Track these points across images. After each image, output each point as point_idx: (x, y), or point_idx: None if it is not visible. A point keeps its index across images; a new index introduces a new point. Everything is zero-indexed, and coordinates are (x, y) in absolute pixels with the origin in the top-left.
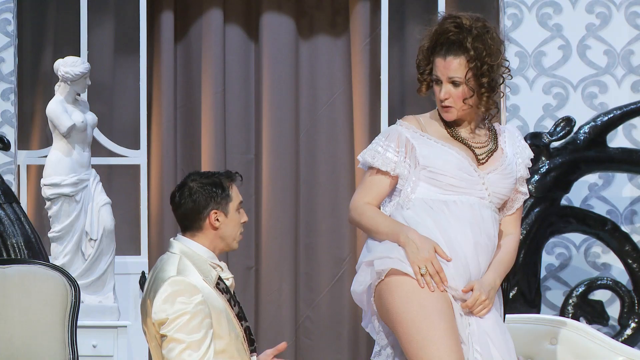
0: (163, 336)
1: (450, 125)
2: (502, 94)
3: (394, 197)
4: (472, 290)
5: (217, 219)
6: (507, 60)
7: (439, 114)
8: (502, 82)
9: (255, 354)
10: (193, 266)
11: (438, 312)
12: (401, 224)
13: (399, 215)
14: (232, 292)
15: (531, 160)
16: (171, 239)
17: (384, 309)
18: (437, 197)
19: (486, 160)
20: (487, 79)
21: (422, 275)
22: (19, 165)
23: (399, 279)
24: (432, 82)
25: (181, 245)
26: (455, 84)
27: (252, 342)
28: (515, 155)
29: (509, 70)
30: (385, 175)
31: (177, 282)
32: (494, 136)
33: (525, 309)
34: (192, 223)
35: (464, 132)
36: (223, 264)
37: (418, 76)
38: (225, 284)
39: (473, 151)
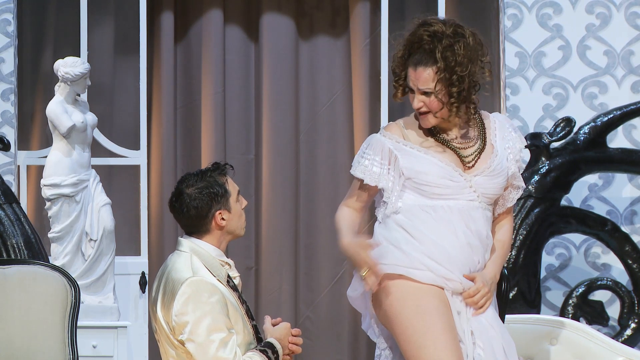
0: (189, 340)
1: (433, 129)
2: (478, 100)
3: (382, 206)
4: (473, 281)
5: (223, 218)
6: (488, 63)
7: None
8: (479, 89)
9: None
10: (204, 265)
11: (435, 311)
12: (345, 234)
13: (391, 220)
14: (240, 291)
15: (532, 157)
16: (180, 238)
17: (381, 312)
18: (425, 203)
19: (474, 164)
20: (457, 89)
21: (364, 275)
22: (19, 166)
23: (394, 281)
24: (407, 88)
25: (191, 243)
26: (426, 94)
27: (260, 341)
28: (506, 149)
29: (490, 72)
30: (369, 186)
31: (195, 282)
32: (482, 132)
33: (525, 310)
34: (198, 227)
35: (447, 134)
36: (231, 262)
37: (393, 83)
38: (233, 282)
39: (458, 154)
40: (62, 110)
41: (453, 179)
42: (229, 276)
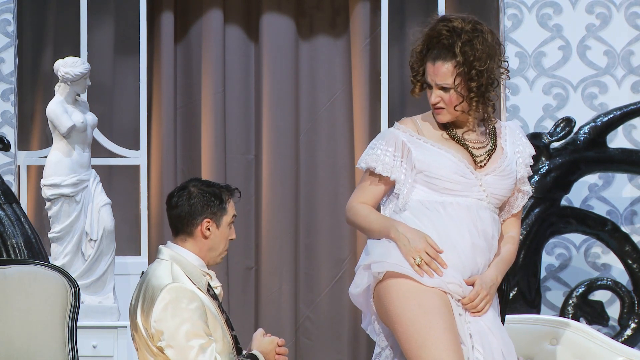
0: (168, 346)
1: (448, 126)
2: (496, 97)
3: (392, 199)
4: (473, 285)
5: (209, 229)
6: (506, 62)
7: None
8: (497, 85)
9: None
10: (184, 273)
11: (437, 311)
12: (391, 219)
13: (398, 217)
14: (220, 301)
15: (533, 157)
16: (160, 246)
17: (383, 310)
18: (434, 199)
19: (485, 163)
20: (476, 84)
21: (418, 265)
22: (19, 166)
23: (397, 280)
24: (425, 84)
25: (171, 251)
26: (444, 89)
27: (240, 351)
28: (515, 153)
29: (508, 72)
30: (382, 178)
31: (174, 289)
32: (493, 135)
33: (525, 310)
34: (184, 227)
35: (461, 132)
36: (212, 273)
37: (411, 78)
38: (214, 291)
39: (470, 152)
40: (62, 110)
41: (465, 175)
42: (209, 285)
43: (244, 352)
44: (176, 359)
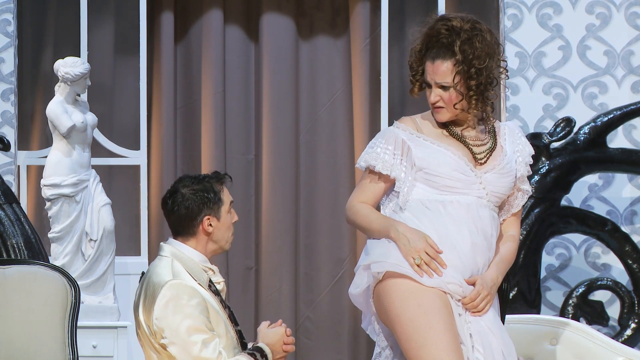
0: (171, 343)
1: (447, 124)
2: (495, 96)
3: (392, 198)
4: (474, 285)
5: (210, 224)
6: (505, 61)
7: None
8: (496, 84)
9: None
10: (185, 269)
11: (436, 311)
12: (392, 219)
13: (398, 217)
14: (223, 296)
15: (532, 157)
16: (161, 243)
17: (382, 310)
18: (434, 197)
19: (485, 160)
20: (476, 82)
21: (418, 265)
22: (19, 166)
23: (397, 280)
24: (424, 83)
25: (172, 248)
26: (444, 88)
27: (245, 346)
28: (515, 152)
29: (507, 71)
30: (381, 176)
31: (175, 285)
32: (493, 134)
33: (525, 310)
34: (185, 229)
35: (461, 130)
36: (215, 268)
37: (410, 77)
38: (215, 287)
39: (470, 150)
40: (62, 111)
41: (464, 172)
42: (210, 281)
43: (250, 344)
44: (180, 355)
